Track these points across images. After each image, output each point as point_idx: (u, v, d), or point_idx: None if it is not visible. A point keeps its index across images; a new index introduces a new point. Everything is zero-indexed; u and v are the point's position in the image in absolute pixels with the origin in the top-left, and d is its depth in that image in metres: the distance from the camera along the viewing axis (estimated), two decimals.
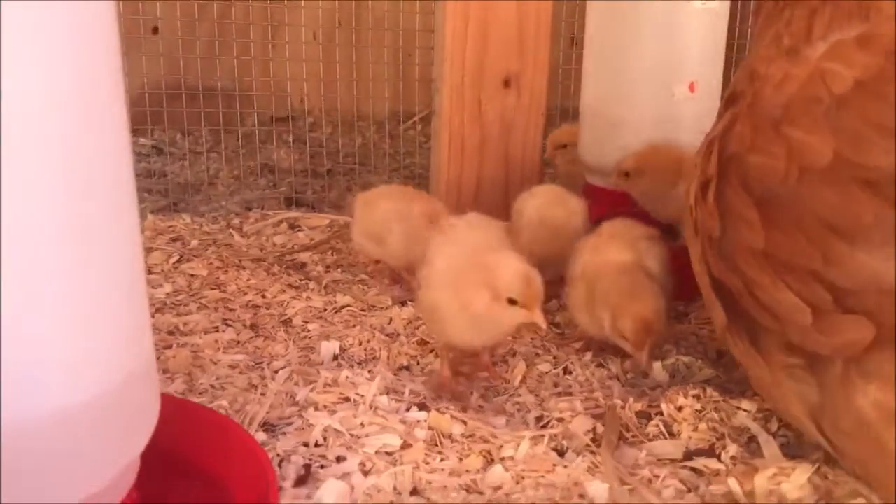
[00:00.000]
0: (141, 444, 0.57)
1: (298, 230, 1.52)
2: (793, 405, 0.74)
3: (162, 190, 1.72)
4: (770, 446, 0.83)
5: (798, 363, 0.72)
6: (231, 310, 1.16)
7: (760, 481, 0.77)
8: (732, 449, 0.83)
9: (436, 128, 1.55)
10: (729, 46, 1.32)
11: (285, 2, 2.05)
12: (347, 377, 0.92)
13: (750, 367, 0.81)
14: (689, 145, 1.23)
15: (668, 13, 1.20)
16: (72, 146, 0.49)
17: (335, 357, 1.03)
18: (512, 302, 0.86)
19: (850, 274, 0.66)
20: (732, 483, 0.77)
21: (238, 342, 1.06)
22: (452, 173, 1.51)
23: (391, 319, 1.14)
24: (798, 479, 0.77)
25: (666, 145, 1.21)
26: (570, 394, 0.95)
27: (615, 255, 1.04)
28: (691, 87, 1.23)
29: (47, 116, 0.47)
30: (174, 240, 1.42)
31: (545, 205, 1.18)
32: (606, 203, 1.22)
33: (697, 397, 0.91)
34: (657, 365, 1.01)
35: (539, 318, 0.86)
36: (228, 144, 1.92)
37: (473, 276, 0.88)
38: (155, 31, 1.91)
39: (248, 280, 1.26)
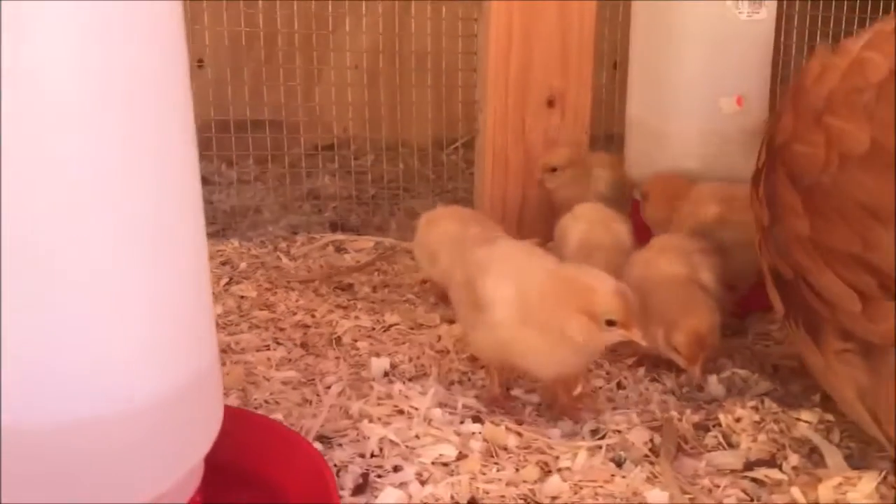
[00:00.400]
0: (207, 444, 0.58)
1: (344, 252, 1.53)
2: (846, 390, 0.74)
3: (209, 217, 1.74)
4: (834, 456, 0.81)
5: (851, 348, 0.73)
6: (281, 329, 1.17)
7: (825, 491, 0.75)
8: (794, 459, 0.81)
9: (479, 148, 1.56)
10: (774, 63, 1.31)
11: (329, 32, 2.08)
12: (400, 391, 0.92)
13: (806, 355, 0.81)
14: (738, 159, 1.24)
15: (713, 25, 1.20)
16: (149, 145, 0.50)
17: (386, 373, 1.03)
18: (610, 323, 0.82)
19: (890, 257, 0.67)
20: (796, 493, 0.75)
21: (289, 360, 1.07)
22: (496, 193, 1.52)
23: (440, 337, 1.14)
24: (865, 488, 0.75)
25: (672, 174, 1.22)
26: (626, 407, 0.93)
27: (667, 268, 1.03)
28: (738, 101, 1.22)
29: (126, 121, 0.49)
30: (223, 263, 1.44)
31: (588, 225, 1.18)
32: None
33: (756, 409, 0.90)
34: (712, 378, 1.00)
35: (638, 336, 0.82)
36: (274, 173, 1.95)
37: (564, 301, 0.83)
38: (200, 63, 1.95)
39: (297, 301, 1.27)
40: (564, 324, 0.81)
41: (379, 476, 0.76)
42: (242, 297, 1.28)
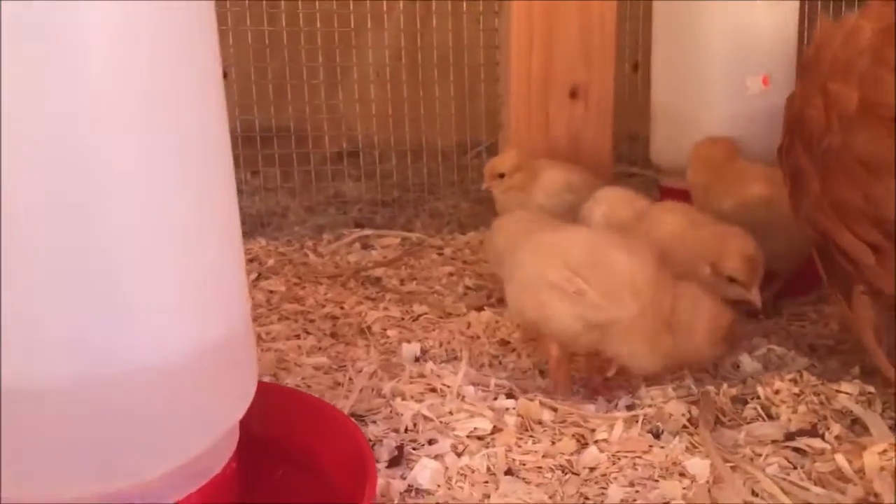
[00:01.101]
0: (243, 406, 0.58)
1: (371, 249, 1.53)
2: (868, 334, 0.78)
3: None
4: (877, 425, 0.80)
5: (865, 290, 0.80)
6: (311, 321, 1.17)
7: (870, 458, 0.74)
8: (836, 429, 0.79)
9: (503, 141, 1.56)
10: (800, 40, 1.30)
11: (350, 37, 2.10)
12: (432, 370, 0.91)
13: (845, 317, 0.87)
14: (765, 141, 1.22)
15: (737, 4, 1.19)
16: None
17: (417, 359, 1.02)
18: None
19: (886, 207, 0.72)
20: (840, 460, 0.74)
21: (320, 348, 1.07)
22: None
23: (469, 324, 1.13)
24: None
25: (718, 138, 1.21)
26: (660, 384, 0.92)
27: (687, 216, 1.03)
28: (764, 81, 1.21)
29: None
30: (251, 260, 1.44)
31: (611, 208, 1.16)
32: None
33: (794, 381, 0.88)
34: (746, 357, 0.98)
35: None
36: (298, 178, 1.96)
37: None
38: (224, 75, 1.97)
39: (326, 294, 1.27)
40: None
41: (414, 449, 0.75)
42: (272, 291, 1.28)
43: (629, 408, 0.85)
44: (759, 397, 0.85)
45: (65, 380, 0.48)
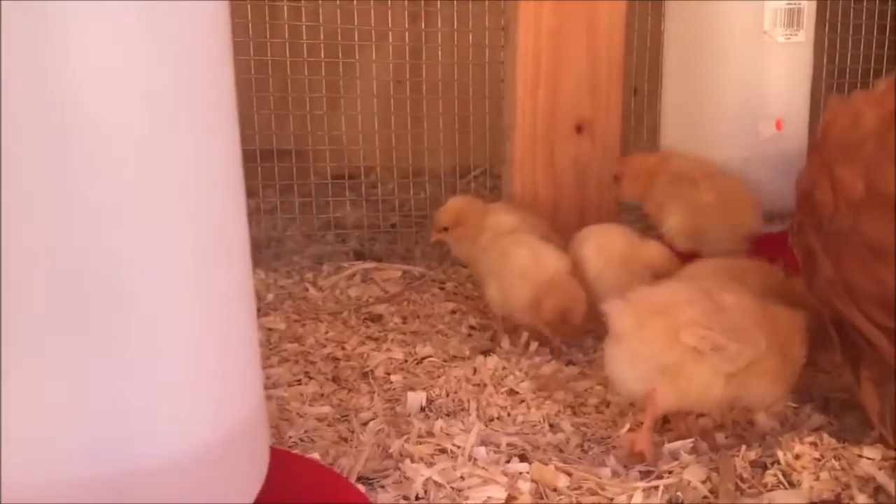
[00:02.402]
0: (256, 488, 0.55)
1: (371, 282, 1.50)
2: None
3: None
4: None
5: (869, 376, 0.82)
6: (312, 362, 1.14)
7: None
8: (861, 498, 0.77)
9: (507, 175, 1.53)
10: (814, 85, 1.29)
11: (351, 61, 2.07)
12: (441, 428, 0.89)
13: (861, 394, 0.85)
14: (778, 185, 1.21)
15: (750, 47, 1.18)
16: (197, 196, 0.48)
17: (422, 408, 0.99)
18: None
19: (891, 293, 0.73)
20: None
21: (322, 394, 1.04)
22: None
23: (475, 370, 1.10)
24: None
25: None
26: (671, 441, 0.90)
27: None
28: (778, 125, 1.19)
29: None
30: None
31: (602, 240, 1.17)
32: None
33: (814, 444, 0.85)
34: (761, 414, 0.96)
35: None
36: (294, 202, 1.93)
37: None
38: None
39: (327, 332, 1.24)
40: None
41: None
42: (271, 329, 1.25)
43: (645, 474, 0.82)
44: (779, 462, 0.83)
45: (73, 478, 0.45)
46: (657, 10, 1.77)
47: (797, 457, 0.83)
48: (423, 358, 1.15)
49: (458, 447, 0.84)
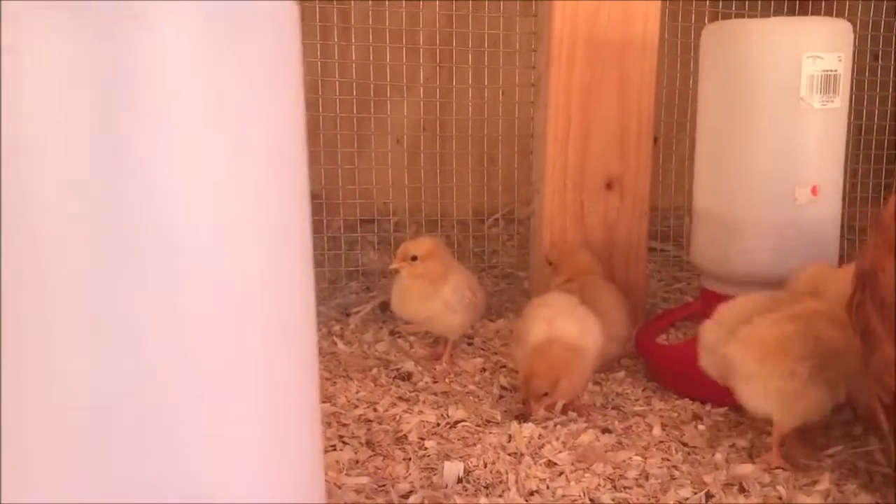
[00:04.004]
0: None
1: (398, 336, 1.49)
2: None
3: None
4: None
5: None
6: (344, 424, 1.13)
7: None
8: None
9: (536, 228, 1.53)
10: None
11: (371, 113, 2.08)
12: None
13: None
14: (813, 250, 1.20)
15: (786, 113, 1.18)
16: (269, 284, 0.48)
17: (459, 479, 0.98)
18: None
19: None
20: None
21: (357, 461, 1.03)
22: None
23: (511, 437, 1.09)
24: None
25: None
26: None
27: None
28: (814, 191, 1.19)
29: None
30: None
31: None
32: None
33: None
34: (801, 495, 0.95)
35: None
36: (316, 249, 1.93)
37: None
38: None
39: (357, 392, 1.24)
40: None
41: None
42: None
43: None
44: None
45: None
46: (686, 64, 1.79)
47: None
48: (457, 422, 1.14)
49: None
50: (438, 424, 1.14)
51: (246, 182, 0.44)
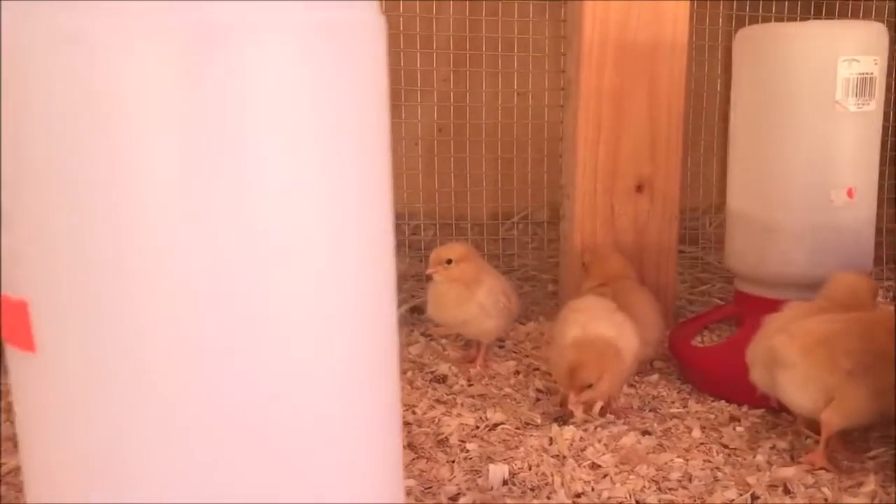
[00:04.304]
0: None
1: (431, 339, 1.50)
2: None
3: None
4: None
5: None
6: None
7: None
8: None
9: (566, 232, 1.54)
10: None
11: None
12: None
13: None
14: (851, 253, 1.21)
15: (821, 115, 1.18)
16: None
17: (505, 482, 0.99)
18: None
19: None
20: None
21: (402, 464, 1.03)
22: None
23: (551, 440, 1.10)
24: None
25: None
26: None
27: None
28: (849, 193, 1.20)
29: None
30: None
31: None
32: (765, 312, 1.17)
33: None
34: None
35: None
36: None
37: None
38: None
39: None
40: None
41: None
42: None
43: None
44: None
45: None
46: (713, 65, 1.79)
47: None
48: (496, 425, 1.15)
49: None
50: (478, 427, 1.14)
51: (344, 191, 0.45)
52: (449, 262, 1.31)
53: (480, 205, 2.07)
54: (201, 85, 0.38)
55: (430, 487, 0.97)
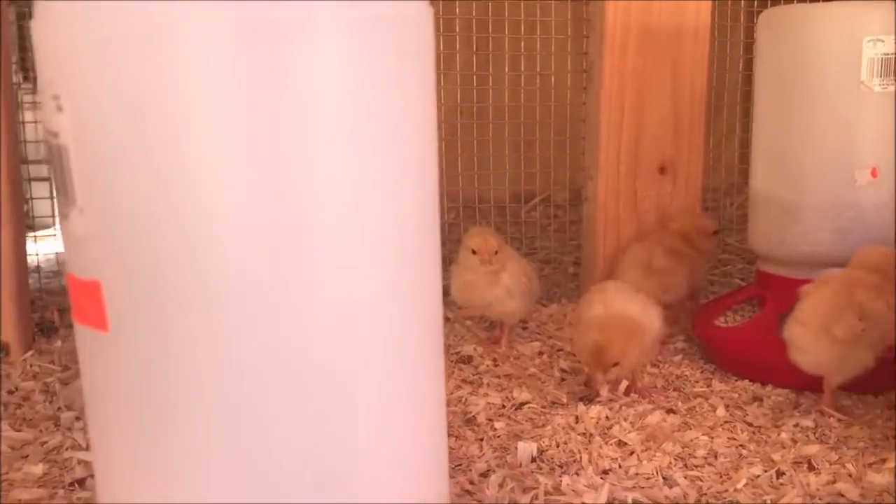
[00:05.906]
0: None
1: (452, 320, 1.52)
2: None
3: None
4: None
5: None
6: None
7: None
8: None
9: (589, 214, 1.55)
10: None
11: None
12: (567, 484, 0.90)
13: None
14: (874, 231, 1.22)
15: (845, 95, 1.19)
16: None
17: (533, 459, 1.01)
18: None
19: None
20: None
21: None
22: (609, 260, 1.50)
23: (577, 418, 1.12)
24: None
25: None
26: None
27: None
28: (873, 173, 1.20)
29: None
30: None
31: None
32: (788, 293, 1.18)
33: None
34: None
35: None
36: None
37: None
38: None
39: None
40: None
41: None
42: None
43: None
44: None
45: None
46: (734, 45, 1.79)
47: None
48: (522, 404, 1.17)
49: None
50: (504, 406, 1.17)
51: (400, 176, 0.46)
52: (496, 252, 1.33)
53: (502, 187, 2.08)
54: (264, 79, 0.40)
55: (459, 464, 0.99)
